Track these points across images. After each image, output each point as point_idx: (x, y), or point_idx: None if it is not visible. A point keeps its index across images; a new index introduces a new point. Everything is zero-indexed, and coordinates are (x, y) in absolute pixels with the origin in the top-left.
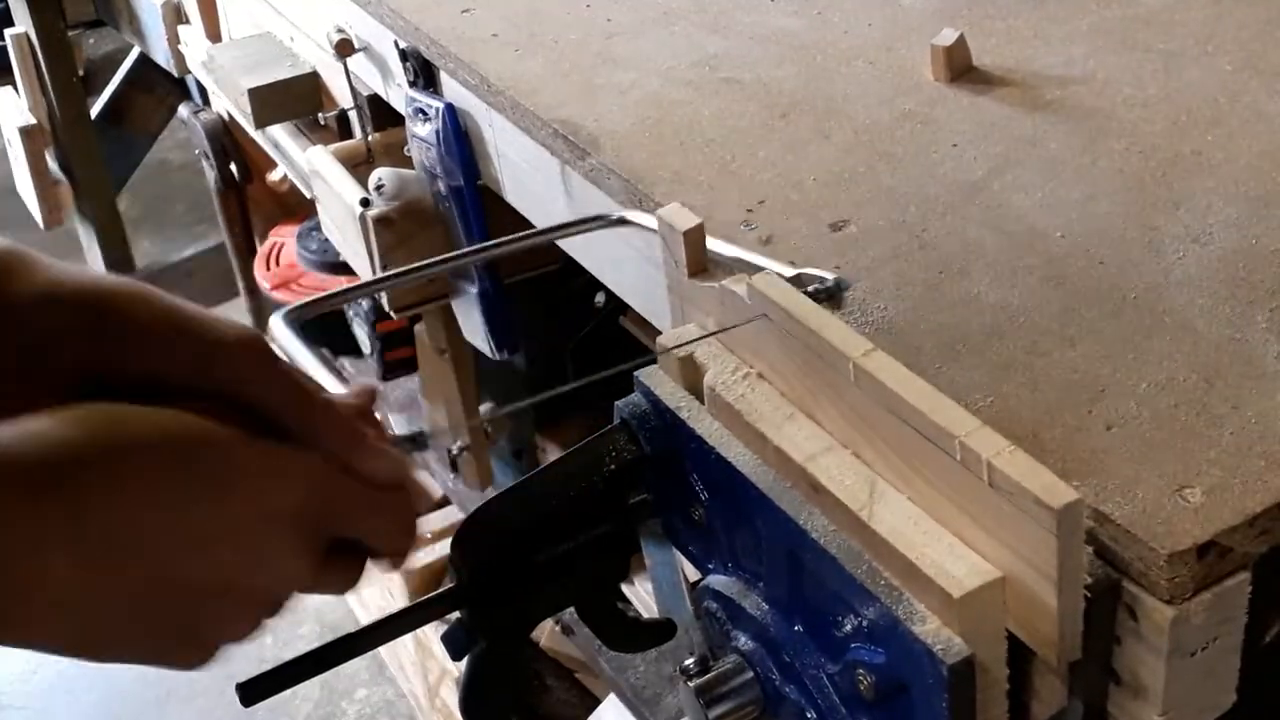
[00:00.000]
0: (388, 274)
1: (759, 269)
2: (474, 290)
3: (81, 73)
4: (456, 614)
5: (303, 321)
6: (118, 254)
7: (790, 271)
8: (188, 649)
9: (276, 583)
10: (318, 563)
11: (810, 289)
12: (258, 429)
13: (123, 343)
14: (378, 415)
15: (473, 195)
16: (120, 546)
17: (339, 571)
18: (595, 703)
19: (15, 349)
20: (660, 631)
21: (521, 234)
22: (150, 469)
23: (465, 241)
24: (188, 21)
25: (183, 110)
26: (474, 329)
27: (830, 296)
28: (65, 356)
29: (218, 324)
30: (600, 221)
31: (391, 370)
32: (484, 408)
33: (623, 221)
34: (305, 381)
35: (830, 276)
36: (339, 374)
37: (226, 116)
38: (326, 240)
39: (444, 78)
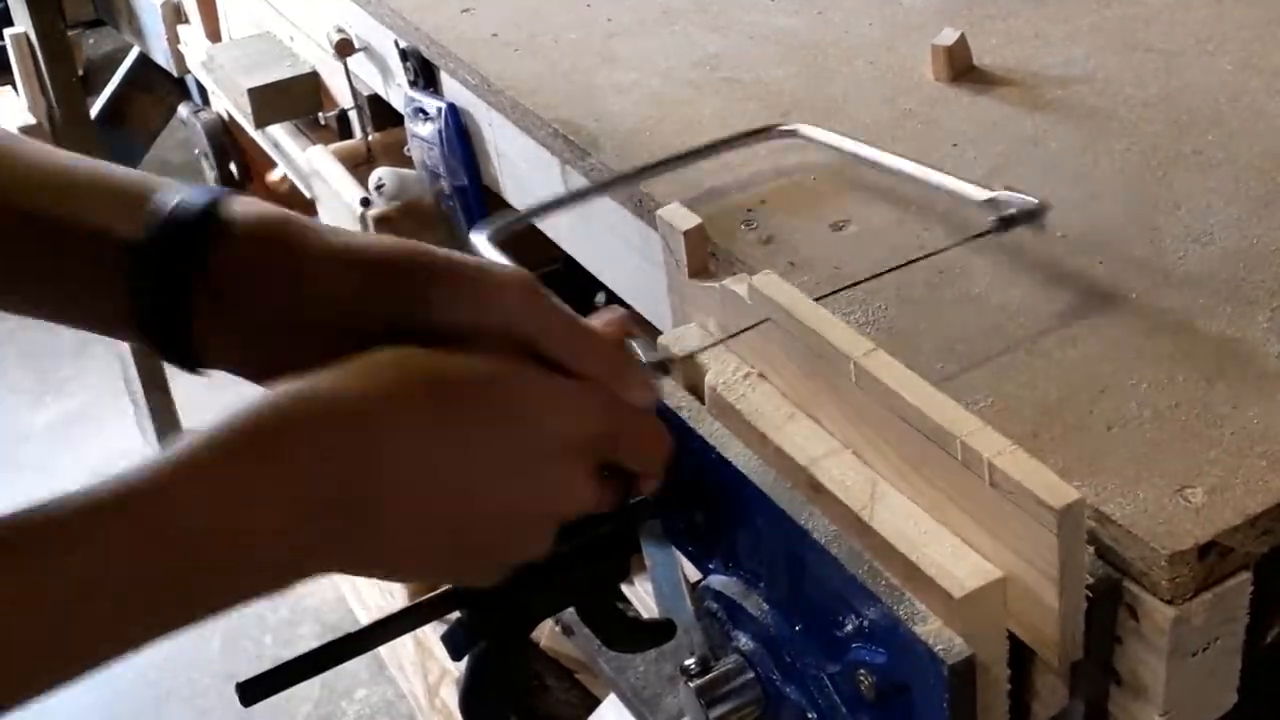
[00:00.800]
0: (586, 188)
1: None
2: None
3: (81, 72)
4: (456, 614)
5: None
6: None
7: (985, 195)
8: (484, 567)
9: (568, 504)
10: (598, 484)
11: (1009, 213)
12: (539, 363)
13: (411, 299)
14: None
15: (476, 194)
16: (435, 475)
17: (609, 491)
18: (595, 703)
19: (310, 313)
20: (660, 631)
21: (682, 152)
22: (461, 402)
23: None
24: (187, 21)
25: (182, 110)
26: None
27: (1033, 218)
28: (360, 315)
29: (492, 269)
30: (768, 133)
31: None
32: None
33: (792, 134)
34: (575, 318)
35: (1032, 199)
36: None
37: (226, 116)
38: None
39: (444, 77)
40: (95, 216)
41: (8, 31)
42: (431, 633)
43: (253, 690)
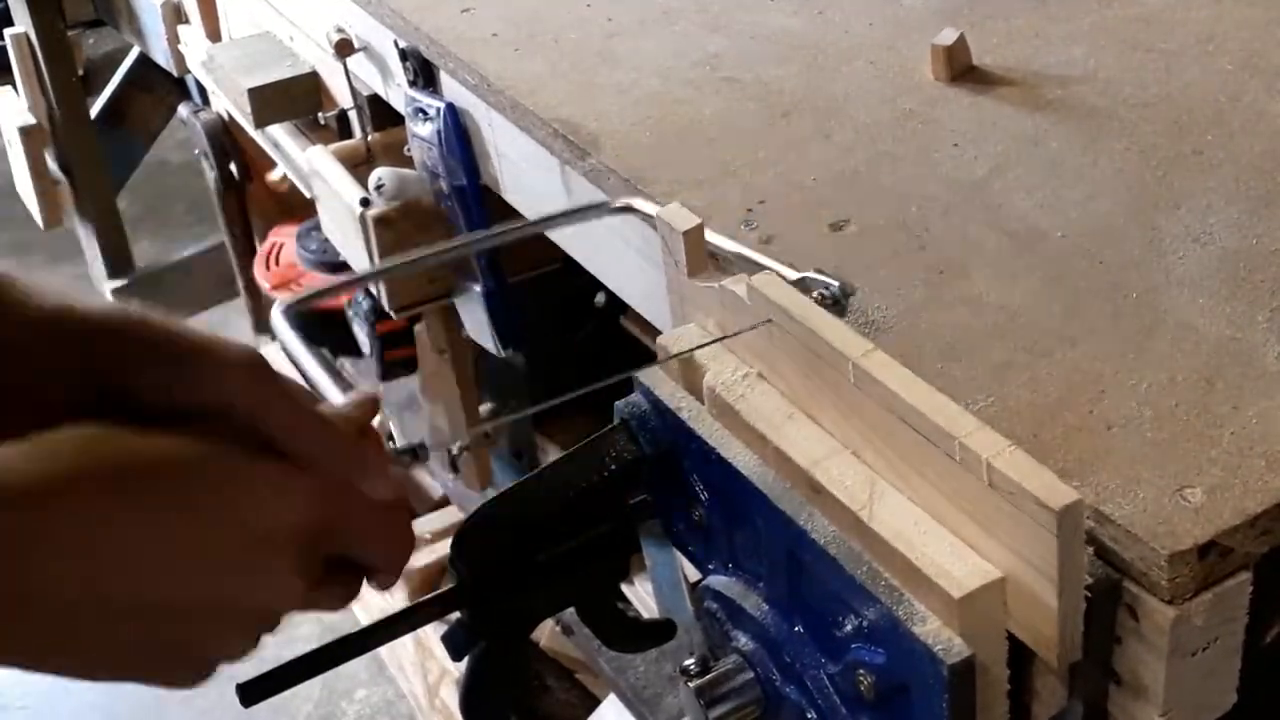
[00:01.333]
0: (386, 264)
1: (761, 268)
2: (478, 289)
3: (81, 72)
4: (456, 614)
5: (303, 317)
6: (117, 254)
7: (794, 275)
8: (184, 668)
9: (274, 601)
10: (315, 581)
11: (815, 295)
12: (259, 450)
13: (120, 370)
14: (378, 423)
15: (476, 194)
16: (114, 566)
17: (335, 589)
18: (595, 703)
19: (11, 378)
20: (660, 631)
21: (520, 223)
22: (146, 488)
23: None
24: (187, 21)
25: (182, 110)
26: (479, 327)
27: (835, 302)
28: (61, 386)
29: (215, 345)
30: (602, 209)
31: (391, 370)
32: (484, 408)
33: (627, 209)
34: (305, 401)
35: (834, 282)
36: (337, 372)
37: (226, 116)
38: (326, 240)
39: (444, 77)
40: None
41: (8, 31)
42: (432, 633)
43: (253, 691)
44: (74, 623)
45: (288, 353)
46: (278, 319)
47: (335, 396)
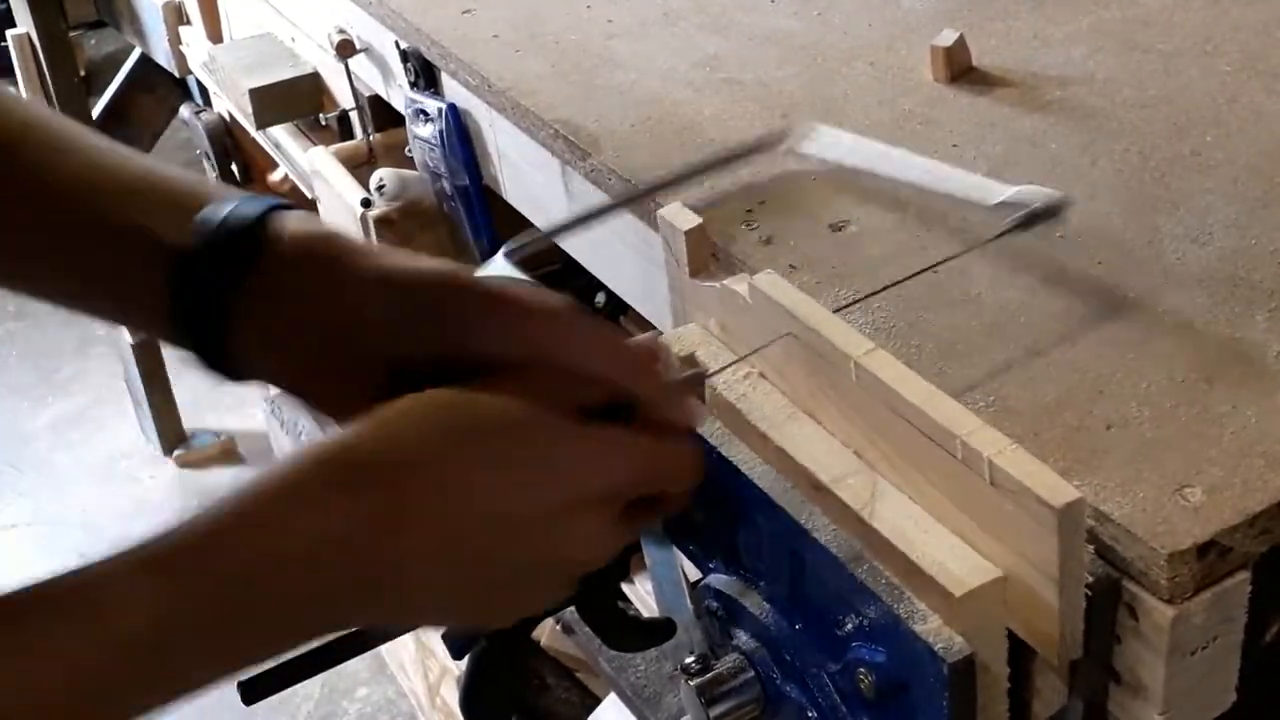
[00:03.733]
0: (604, 205)
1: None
2: None
3: (83, 73)
4: None
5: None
6: None
7: (1003, 193)
8: (506, 613)
9: (590, 557)
10: (624, 531)
11: (1031, 208)
12: (580, 398)
13: (449, 326)
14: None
15: (478, 195)
16: (464, 530)
17: (635, 524)
18: (595, 702)
19: (350, 330)
20: (660, 631)
21: (694, 163)
22: (475, 456)
23: (473, 241)
24: (189, 22)
25: (184, 111)
26: None
27: (1054, 214)
28: (397, 339)
29: (530, 298)
30: (767, 149)
31: None
32: None
33: (790, 151)
34: (614, 338)
35: (1056, 193)
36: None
37: (228, 117)
38: None
39: (445, 78)
40: (147, 222)
41: (10, 32)
42: (433, 631)
43: (254, 688)
44: (427, 583)
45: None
46: (499, 263)
47: None
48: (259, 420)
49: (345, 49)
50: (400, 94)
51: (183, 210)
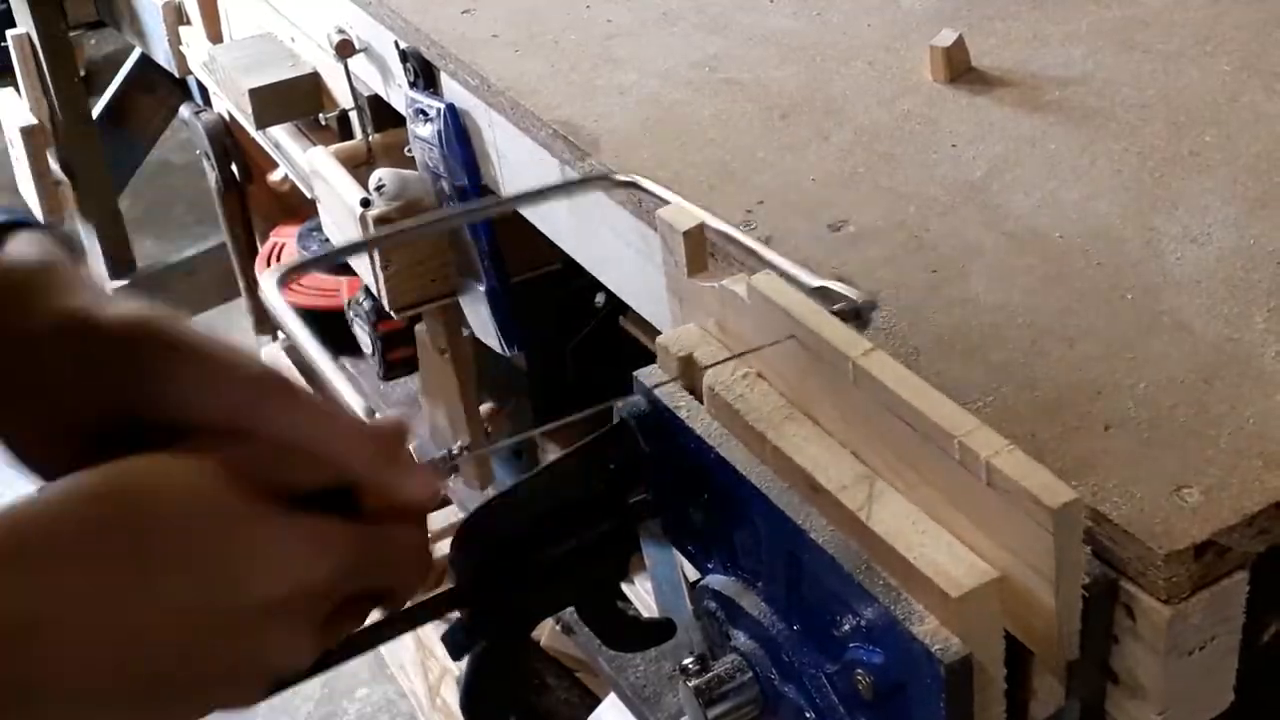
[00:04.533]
0: (378, 234)
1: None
2: (481, 288)
3: (83, 73)
4: (456, 614)
5: (308, 317)
6: (118, 254)
7: (815, 282)
8: (184, 716)
9: (287, 663)
10: (331, 633)
11: (836, 308)
12: (287, 480)
13: (138, 382)
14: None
15: (477, 195)
16: (115, 637)
17: (345, 624)
18: (595, 702)
19: (27, 379)
20: (660, 631)
21: (522, 192)
22: (146, 549)
23: (472, 240)
24: (189, 22)
25: (184, 111)
26: (483, 326)
27: (857, 316)
28: (76, 393)
29: (237, 361)
30: (606, 181)
31: (392, 370)
32: (484, 408)
33: (633, 184)
34: (329, 409)
35: (856, 295)
36: (330, 352)
37: (227, 117)
38: (327, 241)
39: (444, 78)
40: None
41: (10, 32)
42: (432, 632)
43: None
44: (75, 697)
45: (277, 318)
46: (267, 285)
47: (332, 371)
48: None
49: (345, 49)
50: (400, 94)
51: None
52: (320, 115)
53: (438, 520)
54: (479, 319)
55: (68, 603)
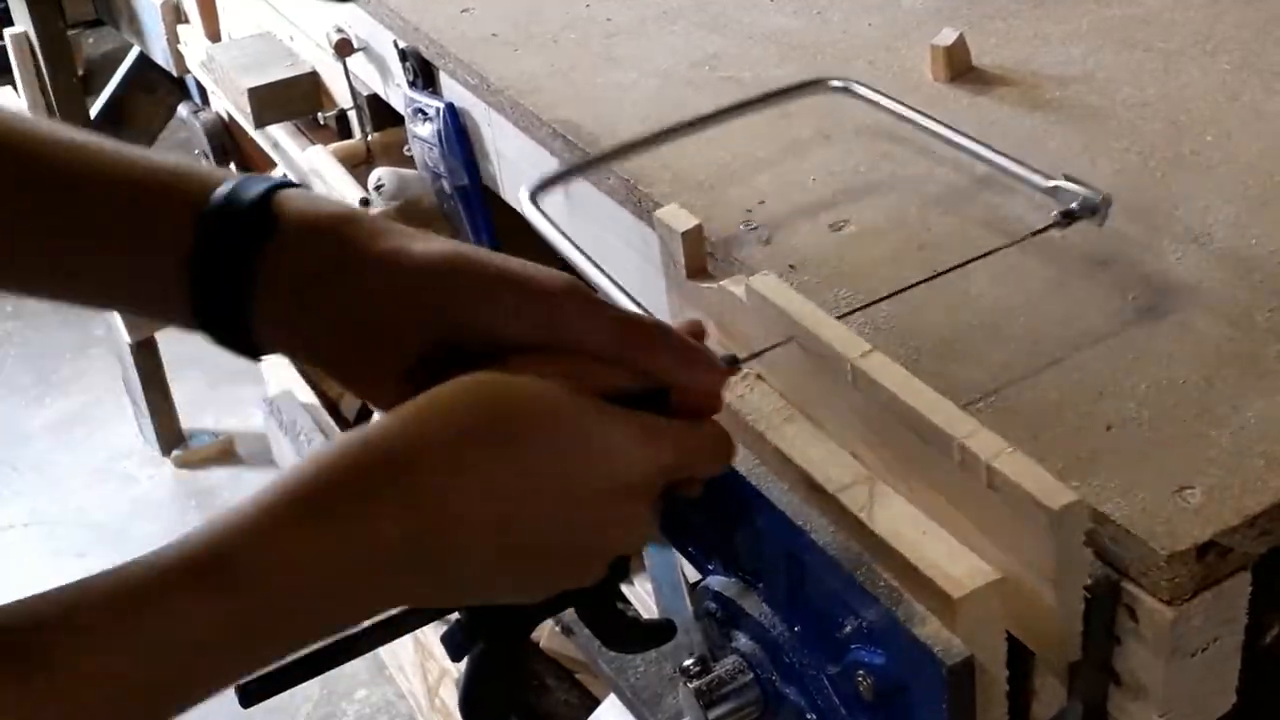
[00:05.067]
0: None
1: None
2: None
3: (81, 72)
4: (456, 614)
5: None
6: None
7: (1048, 183)
8: (541, 591)
9: (626, 542)
10: (658, 516)
11: (1072, 205)
12: (609, 383)
13: (460, 309)
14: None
15: (476, 194)
16: (492, 516)
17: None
18: (595, 703)
19: (361, 308)
20: (660, 632)
21: (737, 103)
22: (511, 442)
23: (473, 240)
24: (187, 21)
25: (182, 110)
26: None
27: (1094, 213)
28: (408, 317)
29: (537, 278)
30: (818, 87)
31: None
32: None
33: (846, 90)
34: (628, 315)
35: (1095, 194)
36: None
37: (226, 116)
38: None
39: (443, 77)
40: (152, 206)
41: (8, 31)
42: (431, 633)
43: (252, 691)
44: (481, 566)
45: (539, 229)
46: (524, 199)
47: (595, 274)
48: (257, 420)
49: (343, 48)
50: (399, 93)
51: (184, 193)
52: (319, 114)
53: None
54: None
55: (464, 494)
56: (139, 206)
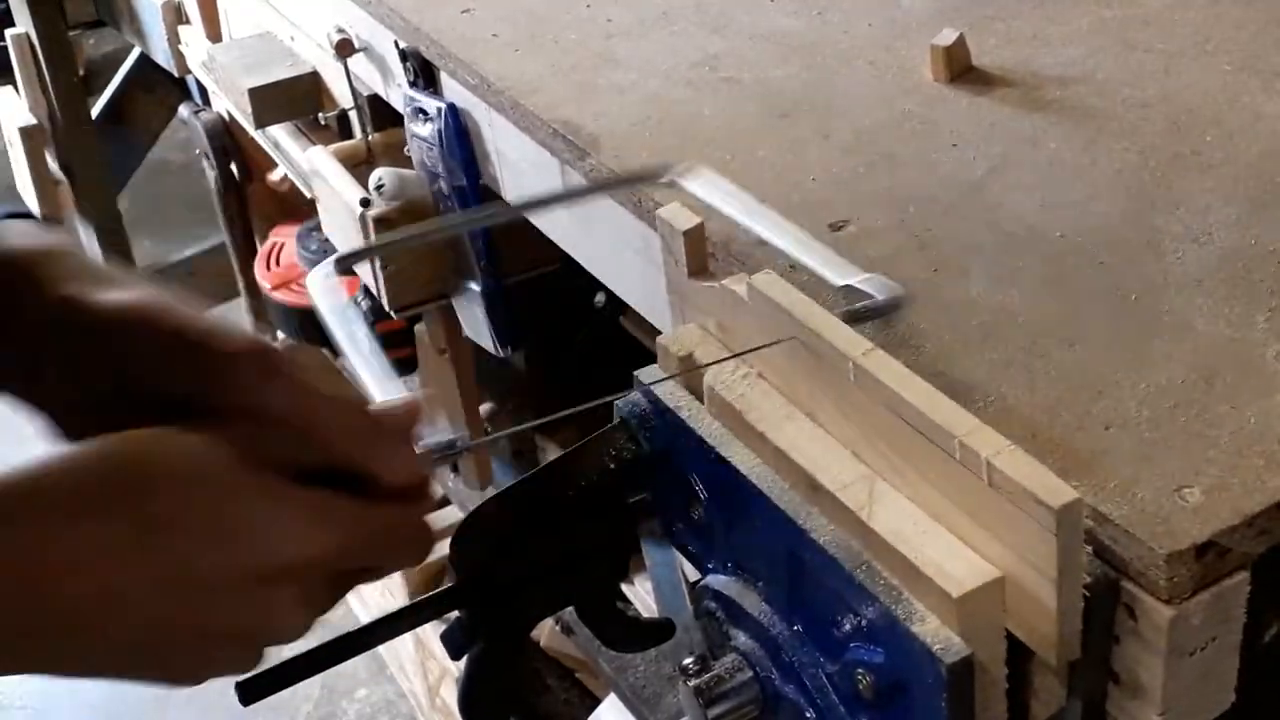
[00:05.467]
0: (424, 226)
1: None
2: (477, 288)
3: (82, 73)
4: (456, 613)
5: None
6: (118, 254)
7: (842, 281)
8: (182, 675)
9: (284, 632)
10: (327, 603)
11: (860, 305)
12: (294, 457)
13: (139, 365)
14: (419, 428)
15: (476, 195)
16: (109, 583)
17: (340, 596)
18: (595, 703)
19: (48, 360)
20: (660, 631)
21: (566, 190)
22: (150, 512)
23: (470, 241)
24: (188, 21)
25: (183, 110)
26: (477, 327)
27: (892, 311)
28: (81, 375)
29: (224, 338)
30: (648, 180)
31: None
32: (484, 408)
33: (671, 184)
34: (311, 388)
35: (879, 295)
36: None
37: (227, 116)
38: (327, 240)
39: (444, 78)
40: None
41: (9, 32)
42: (431, 632)
43: (252, 689)
44: (78, 633)
45: (325, 311)
46: (313, 281)
47: (362, 365)
48: None
49: (344, 48)
50: (399, 93)
51: None
52: (320, 115)
53: (438, 520)
54: (472, 319)
55: (70, 553)
56: None
